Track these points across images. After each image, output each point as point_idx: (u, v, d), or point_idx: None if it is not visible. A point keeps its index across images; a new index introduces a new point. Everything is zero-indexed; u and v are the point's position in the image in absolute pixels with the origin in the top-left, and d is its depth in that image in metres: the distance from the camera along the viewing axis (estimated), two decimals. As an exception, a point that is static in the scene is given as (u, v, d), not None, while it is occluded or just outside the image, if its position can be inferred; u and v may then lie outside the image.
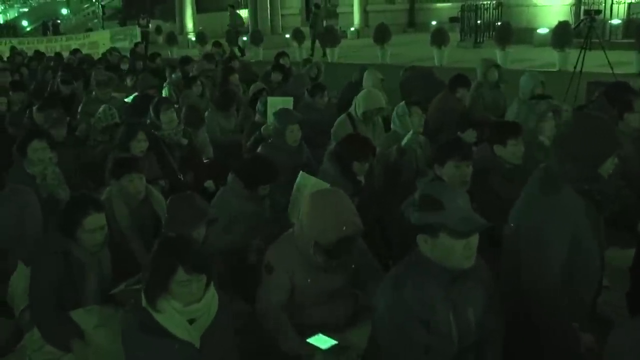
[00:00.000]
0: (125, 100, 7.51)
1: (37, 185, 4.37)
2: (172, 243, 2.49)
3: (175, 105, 6.23)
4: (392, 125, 5.00)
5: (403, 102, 5.04)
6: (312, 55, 16.58)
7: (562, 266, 2.58)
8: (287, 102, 5.89)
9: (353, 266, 3.07)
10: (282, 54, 9.93)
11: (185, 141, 5.53)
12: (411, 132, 4.62)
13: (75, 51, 15.73)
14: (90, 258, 3.12)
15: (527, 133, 4.35)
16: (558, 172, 2.62)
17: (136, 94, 7.56)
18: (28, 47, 19.44)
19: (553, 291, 2.57)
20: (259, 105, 6.16)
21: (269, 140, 4.95)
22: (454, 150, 3.58)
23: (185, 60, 10.46)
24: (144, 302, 2.44)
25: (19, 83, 8.78)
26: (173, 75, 9.24)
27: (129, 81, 9.26)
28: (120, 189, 3.77)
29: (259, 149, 4.91)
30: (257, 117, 6.14)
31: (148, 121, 5.73)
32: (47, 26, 33.19)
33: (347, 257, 2.98)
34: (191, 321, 2.44)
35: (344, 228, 2.81)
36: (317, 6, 20.81)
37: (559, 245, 2.57)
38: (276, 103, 5.82)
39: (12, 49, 18.52)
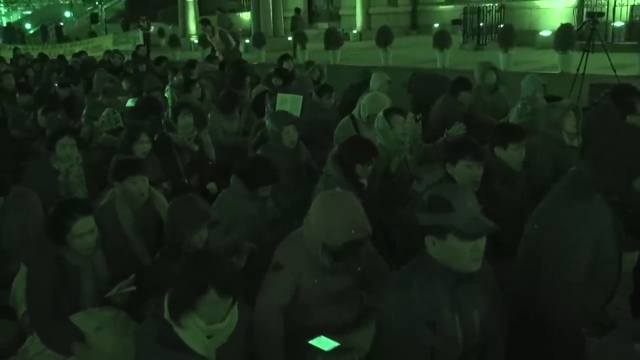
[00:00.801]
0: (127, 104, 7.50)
1: (57, 182, 4.42)
2: (204, 261, 2.43)
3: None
4: (377, 138, 4.72)
5: (382, 113, 4.73)
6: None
7: (581, 269, 2.58)
8: (297, 99, 5.82)
9: (359, 269, 3.05)
10: (286, 57, 9.93)
11: (196, 147, 5.60)
12: (395, 159, 4.55)
13: (80, 53, 15.74)
14: (83, 261, 3.09)
15: (550, 126, 4.35)
16: (590, 180, 2.61)
17: (135, 97, 7.55)
18: (33, 51, 19.44)
19: (570, 292, 2.58)
20: (268, 107, 6.16)
21: (268, 143, 4.95)
22: (467, 150, 3.54)
23: (191, 64, 10.43)
24: (166, 315, 2.41)
25: (25, 85, 8.77)
26: (175, 78, 9.25)
27: (124, 84, 9.11)
28: (123, 191, 3.76)
29: (257, 152, 4.91)
30: (267, 117, 6.14)
31: (163, 121, 5.75)
32: (47, 30, 32.97)
33: (354, 259, 2.95)
34: (209, 335, 2.43)
35: (353, 231, 2.79)
36: (297, 10, 21.00)
37: (583, 250, 2.58)
38: (285, 100, 5.78)
39: (15, 50, 18.50)
